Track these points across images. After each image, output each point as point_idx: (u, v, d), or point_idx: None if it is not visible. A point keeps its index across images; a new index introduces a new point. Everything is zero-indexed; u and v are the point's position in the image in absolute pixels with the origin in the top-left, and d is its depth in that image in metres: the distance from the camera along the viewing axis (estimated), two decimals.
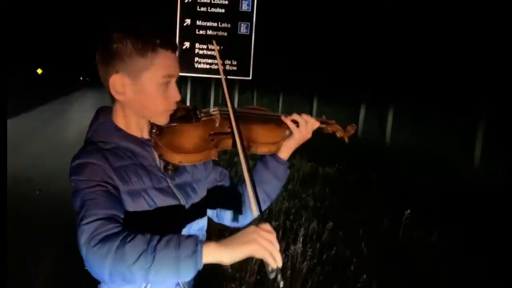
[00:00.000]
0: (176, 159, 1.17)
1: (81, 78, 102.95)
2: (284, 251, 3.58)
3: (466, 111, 8.47)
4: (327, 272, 3.39)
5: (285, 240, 3.86)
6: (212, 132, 1.23)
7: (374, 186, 5.81)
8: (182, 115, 1.23)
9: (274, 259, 0.91)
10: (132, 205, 1.11)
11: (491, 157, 7.29)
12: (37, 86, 34.56)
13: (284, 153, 1.38)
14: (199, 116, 1.25)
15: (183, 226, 1.20)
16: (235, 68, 7.12)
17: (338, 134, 1.47)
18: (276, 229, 4.04)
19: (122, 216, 1.03)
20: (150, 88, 1.13)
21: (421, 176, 6.50)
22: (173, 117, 1.20)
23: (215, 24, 7.04)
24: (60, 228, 4.22)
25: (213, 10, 7.04)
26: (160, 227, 0.99)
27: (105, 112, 1.22)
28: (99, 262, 0.90)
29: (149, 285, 1.18)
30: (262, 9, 7.07)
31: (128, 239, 0.90)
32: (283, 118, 1.35)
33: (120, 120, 1.19)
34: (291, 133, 1.35)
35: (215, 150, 1.22)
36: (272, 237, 0.93)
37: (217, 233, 3.71)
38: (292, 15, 15.01)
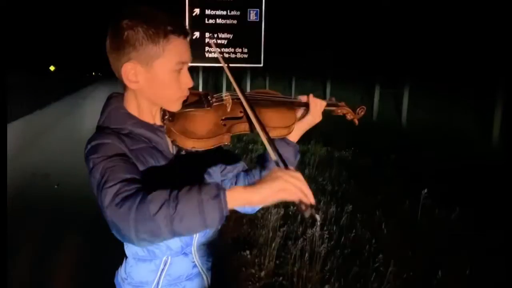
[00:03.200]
0: (189, 144, 1.17)
1: (93, 73, 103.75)
2: (301, 235, 3.59)
3: (483, 88, 8.33)
4: (346, 255, 3.39)
5: (303, 224, 3.86)
6: (224, 117, 1.23)
7: (391, 167, 5.77)
8: (194, 101, 1.23)
9: (306, 197, 0.89)
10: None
11: (509, 134, 7.18)
12: (50, 83, 34.97)
13: (294, 136, 1.37)
14: (211, 101, 1.25)
15: None
16: (246, 55, 7.08)
17: (348, 117, 1.46)
18: (294, 214, 4.06)
19: (141, 181, 1.02)
20: (163, 76, 1.12)
21: (438, 155, 6.43)
22: (185, 103, 1.20)
23: (224, 12, 6.99)
24: (77, 221, 4.30)
25: None
26: None
27: (116, 98, 1.21)
28: (123, 220, 0.90)
29: (169, 260, 1.22)
30: None
31: (149, 194, 0.90)
32: (300, 98, 1.36)
33: (133, 107, 1.18)
34: (302, 116, 1.37)
35: (227, 135, 1.22)
36: (301, 176, 0.91)
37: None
38: None
